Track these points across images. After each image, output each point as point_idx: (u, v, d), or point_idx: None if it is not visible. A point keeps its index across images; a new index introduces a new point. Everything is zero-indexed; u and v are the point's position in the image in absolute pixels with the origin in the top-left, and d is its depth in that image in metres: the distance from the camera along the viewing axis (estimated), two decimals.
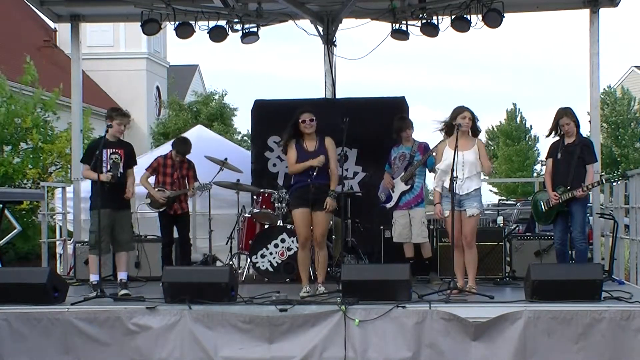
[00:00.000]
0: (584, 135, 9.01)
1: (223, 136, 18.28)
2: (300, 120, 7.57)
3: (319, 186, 7.55)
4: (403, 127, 8.78)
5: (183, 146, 9.31)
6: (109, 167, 7.78)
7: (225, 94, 31.95)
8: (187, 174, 9.20)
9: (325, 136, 7.68)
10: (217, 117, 30.66)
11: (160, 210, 9.07)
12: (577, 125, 8.21)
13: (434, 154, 8.32)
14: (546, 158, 8.55)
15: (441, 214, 7.52)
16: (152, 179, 9.20)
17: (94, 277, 7.74)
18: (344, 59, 10.85)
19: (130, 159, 8.00)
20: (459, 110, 7.59)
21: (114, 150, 7.86)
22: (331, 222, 8.10)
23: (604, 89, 34.34)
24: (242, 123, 37.77)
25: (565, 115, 8.15)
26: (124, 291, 7.69)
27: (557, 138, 8.32)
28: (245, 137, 32.93)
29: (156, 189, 9.05)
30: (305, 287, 7.62)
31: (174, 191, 9.03)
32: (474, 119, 7.61)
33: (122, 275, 7.91)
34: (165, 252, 9.07)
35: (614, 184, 8.90)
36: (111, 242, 7.87)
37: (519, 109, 44.87)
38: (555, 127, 8.23)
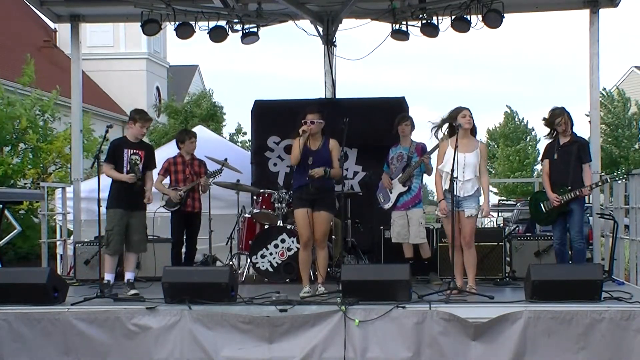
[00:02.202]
0: (584, 135, 9.02)
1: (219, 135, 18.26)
2: (302, 121, 7.62)
3: (318, 186, 7.56)
4: (400, 121, 8.78)
5: (190, 132, 9.41)
6: (128, 166, 7.88)
7: (212, 92, 31.99)
8: (199, 170, 9.21)
9: (331, 138, 7.71)
10: (210, 117, 30.57)
11: (174, 209, 9.07)
12: (572, 124, 8.23)
13: (426, 162, 8.35)
14: (542, 159, 8.53)
15: (447, 209, 7.49)
16: (165, 181, 9.22)
17: (108, 276, 7.77)
18: (344, 59, 10.88)
19: (149, 161, 8.09)
20: (459, 110, 7.59)
21: (134, 150, 7.96)
22: (331, 223, 8.11)
23: (601, 91, 34.33)
24: (230, 122, 37.85)
25: (560, 114, 8.16)
26: (133, 291, 7.72)
27: (551, 139, 8.33)
28: (232, 135, 33.02)
29: (171, 189, 9.07)
30: (306, 287, 7.63)
31: (187, 186, 9.05)
32: (473, 118, 7.63)
33: (129, 276, 7.95)
34: (174, 252, 9.06)
35: (618, 181, 8.89)
36: (124, 242, 7.91)
37: (515, 111, 44.92)
38: (551, 126, 8.22)
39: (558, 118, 8.15)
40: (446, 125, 7.73)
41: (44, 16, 12.03)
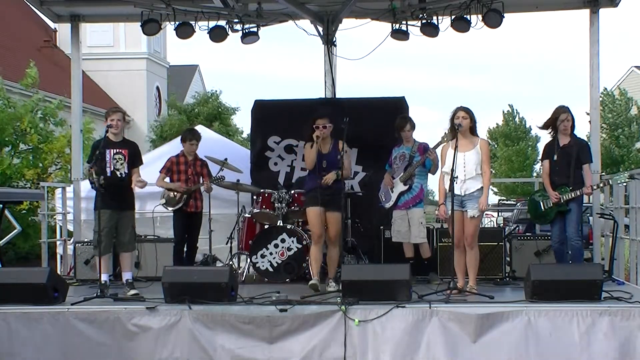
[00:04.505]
0: (584, 135, 9.02)
1: (224, 136, 18.24)
2: (314, 126, 7.91)
3: (329, 187, 7.86)
4: (402, 125, 8.79)
5: (194, 134, 9.33)
6: (112, 167, 7.83)
7: (220, 93, 31.89)
8: (201, 171, 9.19)
9: (339, 139, 7.95)
10: (216, 117, 30.59)
11: (175, 208, 9.07)
12: (573, 124, 8.25)
13: (432, 156, 8.39)
14: (542, 159, 8.53)
15: (445, 213, 7.52)
16: (166, 180, 9.20)
17: (104, 277, 7.76)
18: (344, 59, 10.87)
19: (135, 159, 8.05)
20: (454, 112, 7.62)
21: (117, 150, 7.91)
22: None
23: (602, 91, 34.34)
24: (243, 122, 37.56)
25: (565, 111, 8.18)
26: (133, 291, 7.73)
27: (551, 139, 8.34)
28: (247, 137, 32.80)
29: (174, 183, 9.06)
30: (315, 277, 7.91)
31: (190, 187, 9.04)
32: (471, 117, 7.60)
33: (127, 276, 7.96)
34: (176, 250, 9.07)
35: (620, 184, 8.89)
36: (114, 242, 7.90)
37: (516, 110, 44.95)
38: (553, 123, 8.22)
39: (562, 114, 8.15)
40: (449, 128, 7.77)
41: (44, 16, 12.03)
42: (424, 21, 10.05)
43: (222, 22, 10.22)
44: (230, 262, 9.37)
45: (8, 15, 28.36)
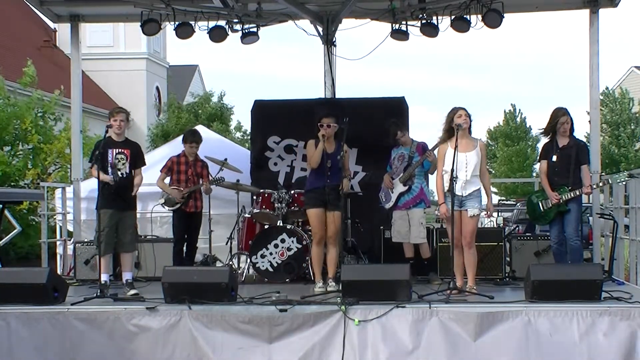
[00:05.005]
0: (584, 135, 9.03)
1: (223, 136, 18.28)
2: (319, 124, 7.91)
3: (333, 187, 7.84)
4: (394, 132, 8.82)
5: (195, 136, 9.33)
6: (112, 167, 7.83)
7: (224, 95, 32.09)
8: (201, 172, 9.20)
9: (340, 140, 7.98)
10: (217, 117, 30.75)
11: (175, 208, 9.08)
12: (572, 126, 8.25)
13: (430, 158, 8.39)
14: (539, 160, 8.54)
15: (447, 212, 7.51)
16: (167, 180, 9.21)
17: (104, 277, 7.76)
18: (344, 59, 10.87)
19: (137, 159, 8.06)
20: (454, 111, 7.60)
21: (120, 150, 7.92)
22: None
23: (603, 90, 34.36)
24: (242, 121, 37.61)
25: (564, 114, 8.18)
26: (133, 291, 7.73)
27: (548, 139, 8.34)
28: (246, 136, 32.93)
29: (172, 188, 9.06)
30: (319, 283, 7.90)
31: (189, 187, 9.05)
32: (470, 117, 7.61)
33: (127, 276, 7.97)
34: (176, 250, 9.08)
35: (620, 183, 8.89)
36: (115, 242, 7.89)
37: (519, 109, 44.95)
38: (554, 127, 8.22)
39: (562, 116, 8.16)
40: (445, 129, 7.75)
41: (44, 16, 12.02)
42: (423, 21, 10.05)
43: (222, 22, 10.22)
44: (230, 262, 9.37)
45: (8, 15, 28.34)
